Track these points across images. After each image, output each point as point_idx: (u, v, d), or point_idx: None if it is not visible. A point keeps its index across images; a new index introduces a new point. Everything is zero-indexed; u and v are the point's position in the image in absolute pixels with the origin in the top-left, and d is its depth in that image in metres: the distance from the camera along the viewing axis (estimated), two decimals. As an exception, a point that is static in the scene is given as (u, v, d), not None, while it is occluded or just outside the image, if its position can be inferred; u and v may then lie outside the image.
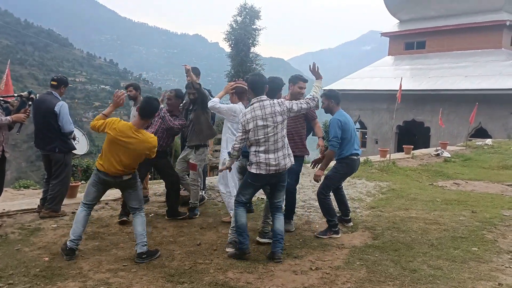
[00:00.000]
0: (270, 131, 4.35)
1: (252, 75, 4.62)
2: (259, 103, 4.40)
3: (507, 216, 6.24)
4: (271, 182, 4.53)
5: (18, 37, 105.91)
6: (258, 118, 4.33)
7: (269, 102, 4.41)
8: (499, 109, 20.17)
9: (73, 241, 4.32)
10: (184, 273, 4.03)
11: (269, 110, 4.36)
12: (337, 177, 5.49)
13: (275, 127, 4.36)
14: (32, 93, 5.22)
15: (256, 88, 4.47)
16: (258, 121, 4.33)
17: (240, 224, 4.46)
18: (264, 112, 4.35)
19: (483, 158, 12.74)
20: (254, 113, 4.36)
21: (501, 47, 23.09)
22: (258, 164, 4.38)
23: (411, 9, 26.71)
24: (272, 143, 4.37)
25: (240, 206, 4.53)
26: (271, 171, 4.38)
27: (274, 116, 4.36)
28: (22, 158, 54.15)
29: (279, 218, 4.58)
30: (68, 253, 4.30)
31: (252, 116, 4.35)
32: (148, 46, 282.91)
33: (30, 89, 5.50)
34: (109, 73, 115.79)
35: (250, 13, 20.88)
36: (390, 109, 21.27)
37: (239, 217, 4.48)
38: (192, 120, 5.90)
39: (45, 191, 5.71)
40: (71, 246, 4.32)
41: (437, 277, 4.02)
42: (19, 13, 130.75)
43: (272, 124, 4.35)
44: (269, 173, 4.39)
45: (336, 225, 5.27)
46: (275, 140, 4.38)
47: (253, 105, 4.42)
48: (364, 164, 10.70)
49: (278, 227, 4.52)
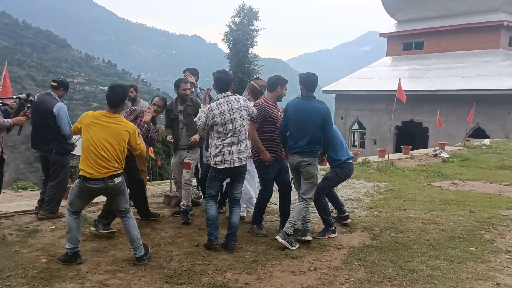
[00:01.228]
0: (237, 125, 4.64)
1: (217, 72, 4.89)
2: (225, 99, 4.68)
3: (505, 216, 6.25)
4: (233, 173, 4.77)
5: (16, 38, 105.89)
6: (226, 113, 4.60)
7: (234, 97, 4.71)
8: (497, 109, 20.22)
9: (73, 248, 4.19)
10: (182, 274, 4.03)
11: (236, 105, 4.66)
12: (336, 180, 5.55)
13: (241, 120, 4.66)
14: (30, 95, 5.21)
15: (221, 85, 4.75)
16: (226, 116, 4.60)
17: (210, 216, 4.72)
18: (231, 106, 4.63)
19: (481, 158, 12.75)
20: (221, 108, 4.61)
21: (499, 48, 23.14)
22: (223, 161, 4.64)
23: (409, 10, 26.76)
24: (237, 135, 4.66)
25: (210, 199, 4.81)
26: (235, 163, 4.66)
27: (240, 110, 4.66)
28: (21, 159, 54.09)
29: (236, 212, 4.84)
30: (72, 258, 4.17)
31: (219, 112, 4.60)
32: (146, 47, 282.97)
33: (28, 91, 5.49)
34: (108, 74, 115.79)
35: (248, 14, 20.92)
36: (389, 110, 21.26)
37: (209, 210, 4.75)
38: (184, 122, 5.75)
39: (43, 192, 5.70)
40: (73, 251, 4.19)
41: (435, 277, 4.02)
42: (17, 14, 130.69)
43: (239, 118, 4.64)
44: (233, 166, 4.67)
45: (332, 224, 5.32)
46: (239, 133, 4.67)
47: (219, 100, 4.67)
48: (362, 165, 10.70)
49: (234, 220, 4.79)
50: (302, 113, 4.84)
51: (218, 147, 4.64)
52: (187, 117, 5.68)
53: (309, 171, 4.85)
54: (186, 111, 5.70)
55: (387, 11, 28.24)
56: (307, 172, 4.85)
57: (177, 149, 5.89)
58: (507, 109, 20.12)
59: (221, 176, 4.83)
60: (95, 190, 4.15)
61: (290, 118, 4.92)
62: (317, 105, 4.86)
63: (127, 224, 4.31)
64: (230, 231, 4.74)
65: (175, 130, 5.81)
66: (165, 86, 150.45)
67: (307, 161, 4.83)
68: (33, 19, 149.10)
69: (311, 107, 4.84)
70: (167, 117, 5.89)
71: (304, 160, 4.82)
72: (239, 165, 4.70)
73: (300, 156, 4.84)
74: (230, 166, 4.65)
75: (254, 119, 4.95)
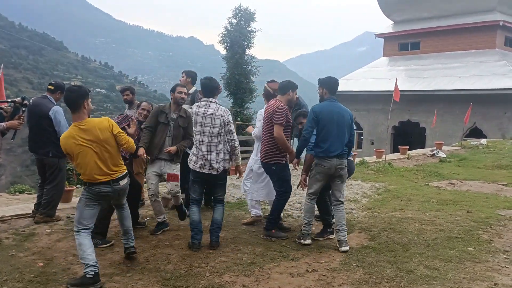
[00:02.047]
0: (206, 130, 4.72)
1: (204, 78, 5.04)
2: (206, 103, 4.82)
3: (502, 215, 6.26)
4: (208, 179, 4.86)
5: (12, 40, 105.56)
6: (199, 114, 4.75)
7: (215, 105, 4.80)
8: (494, 109, 20.28)
9: (94, 265, 3.78)
10: (180, 276, 4.01)
11: (211, 111, 4.74)
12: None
13: (211, 127, 4.72)
14: (25, 99, 5.16)
15: (205, 90, 4.90)
16: (198, 117, 4.75)
17: (193, 220, 4.83)
18: (206, 110, 4.75)
19: (478, 158, 12.79)
20: (198, 109, 4.79)
21: (495, 47, 23.23)
22: (196, 161, 4.77)
23: (405, 10, 26.84)
24: (207, 143, 4.73)
25: (192, 204, 4.90)
26: (204, 170, 4.75)
27: (213, 118, 4.72)
28: (17, 162, 53.89)
29: (218, 209, 4.94)
30: (94, 280, 3.74)
31: (195, 112, 4.80)
32: (143, 49, 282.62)
33: (24, 94, 5.45)
34: (104, 76, 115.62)
35: (245, 15, 20.90)
36: (386, 110, 21.29)
37: (192, 214, 4.85)
38: (173, 132, 5.25)
39: (39, 196, 5.67)
40: (94, 271, 3.76)
41: (433, 277, 4.02)
42: (13, 17, 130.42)
43: (209, 124, 4.72)
44: (202, 172, 4.75)
45: (331, 225, 5.28)
46: (209, 141, 4.73)
47: (201, 102, 4.86)
48: (360, 165, 10.71)
49: (216, 217, 4.89)
50: (338, 116, 4.85)
51: (194, 147, 4.86)
52: (177, 128, 5.26)
53: (346, 173, 4.97)
54: (178, 121, 5.26)
55: (383, 12, 28.31)
56: (344, 174, 4.94)
57: (157, 159, 5.25)
58: (503, 108, 20.18)
59: (198, 180, 4.86)
60: (104, 194, 3.99)
61: (325, 122, 4.81)
62: (345, 107, 4.99)
63: (123, 214, 4.33)
64: (212, 228, 4.88)
65: (159, 135, 5.21)
66: (162, 88, 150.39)
67: (344, 164, 4.90)
68: (29, 22, 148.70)
69: (343, 110, 4.92)
70: (154, 118, 5.22)
71: (342, 162, 4.87)
72: (208, 173, 4.75)
73: (338, 159, 4.83)
74: (200, 170, 4.75)
75: (280, 122, 4.97)
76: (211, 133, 4.72)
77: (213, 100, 4.85)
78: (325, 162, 4.82)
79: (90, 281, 3.71)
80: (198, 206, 4.91)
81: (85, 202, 3.94)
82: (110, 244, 4.84)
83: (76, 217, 3.96)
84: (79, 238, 3.86)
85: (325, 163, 4.82)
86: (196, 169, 4.78)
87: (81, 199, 3.97)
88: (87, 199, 3.94)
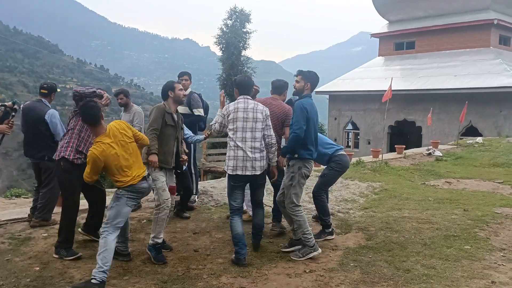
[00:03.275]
0: (249, 125, 4.45)
1: (239, 76, 4.85)
2: (243, 99, 4.57)
3: (499, 213, 6.28)
4: (249, 181, 4.60)
5: (7, 44, 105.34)
6: (240, 109, 4.47)
7: (253, 101, 4.60)
8: (489, 107, 20.34)
9: (106, 271, 3.79)
10: (177, 279, 4.00)
11: (252, 106, 4.51)
12: (332, 174, 5.41)
13: (254, 122, 4.46)
14: (16, 104, 5.09)
15: (241, 88, 4.64)
16: (239, 113, 4.46)
17: (236, 234, 4.45)
18: (247, 105, 4.50)
19: (474, 156, 12.82)
20: (237, 105, 4.52)
21: (489, 46, 23.30)
22: (235, 167, 4.42)
23: (399, 10, 26.89)
24: (250, 140, 4.44)
25: (234, 215, 4.54)
26: (247, 172, 4.42)
27: (255, 112, 4.48)
28: (14, 166, 53.72)
29: (259, 213, 4.75)
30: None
31: (234, 108, 4.49)
32: (139, 51, 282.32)
33: (15, 99, 5.41)
34: (100, 78, 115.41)
35: (240, 16, 20.95)
36: (382, 110, 21.34)
37: (235, 227, 4.48)
38: (178, 136, 4.80)
39: (35, 199, 5.64)
40: (103, 278, 3.75)
41: (431, 276, 4.03)
42: (8, 20, 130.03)
43: (252, 118, 4.46)
44: (245, 174, 4.43)
45: (329, 225, 5.24)
46: (253, 137, 4.45)
47: (238, 100, 4.59)
48: (356, 165, 10.72)
49: (258, 221, 4.74)
50: (316, 115, 4.67)
51: (230, 149, 4.48)
52: (180, 131, 4.85)
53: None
54: (180, 123, 4.84)
55: (378, 11, 28.37)
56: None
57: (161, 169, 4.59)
58: (499, 107, 20.25)
59: (240, 184, 4.53)
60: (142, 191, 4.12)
61: (312, 122, 4.58)
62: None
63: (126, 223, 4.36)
64: (253, 232, 4.78)
65: (170, 141, 4.64)
66: (158, 90, 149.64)
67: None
68: (24, 25, 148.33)
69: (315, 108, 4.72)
70: (161, 120, 4.55)
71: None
72: (251, 174, 4.44)
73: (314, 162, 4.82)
74: (243, 173, 4.41)
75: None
76: (255, 128, 4.45)
77: (249, 97, 4.62)
78: (309, 164, 4.68)
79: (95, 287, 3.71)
80: (240, 216, 4.55)
81: (126, 201, 4.01)
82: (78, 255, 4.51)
83: (112, 216, 3.96)
84: (108, 237, 3.89)
85: (309, 165, 4.68)
86: (238, 173, 4.41)
87: (121, 201, 3.99)
88: (128, 199, 4.01)
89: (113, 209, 3.99)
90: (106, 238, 3.88)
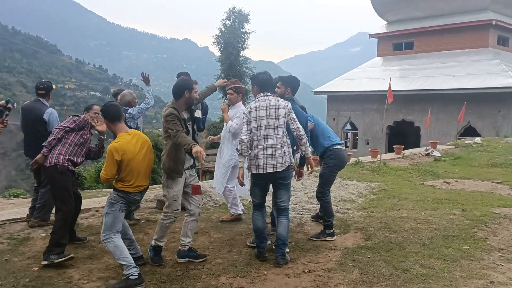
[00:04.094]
0: (271, 122, 4.37)
1: (258, 73, 4.75)
2: (264, 97, 4.48)
3: (497, 213, 6.29)
4: (271, 179, 4.50)
5: (5, 44, 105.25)
6: (262, 108, 4.38)
7: (274, 97, 4.52)
8: (488, 107, 20.39)
9: (136, 266, 3.87)
10: (176, 279, 4.00)
11: (273, 102, 4.42)
12: (329, 171, 5.30)
13: (276, 118, 4.38)
14: (9, 103, 5.07)
15: (261, 85, 4.56)
16: (261, 111, 4.38)
17: (256, 228, 4.53)
18: (269, 103, 4.42)
19: (472, 157, 12.84)
20: (258, 103, 4.43)
21: (488, 46, 23.36)
22: (257, 165, 4.40)
23: (398, 10, 26.94)
24: (272, 136, 4.38)
25: (255, 210, 4.60)
26: (268, 169, 4.36)
27: (277, 108, 4.40)
28: (12, 166, 53.59)
29: (282, 222, 4.51)
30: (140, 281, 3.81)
31: (256, 106, 4.41)
32: (137, 51, 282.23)
33: (8, 98, 5.40)
34: (99, 79, 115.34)
35: (239, 17, 20.96)
36: (380, 110, 21.37)
37: (255, 221, 4.55)
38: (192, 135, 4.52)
39: (34, 199, 5.64)
40: (138, 272, 3.83)
41: (429, 276, 4.03)
42: (6, 20, 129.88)
43: (274, 115, 4.38)
44: (266, 172, 4.38)
45: (331, 226, 5.19)
46: (274, 133, 4.39)
47: (258, 99, 4.49)
48: (355, 165, 10.73)
49: (281, 231, 4.48)
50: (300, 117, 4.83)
51: (252, 149, 4.44)
52: (195, 131, 4.62)
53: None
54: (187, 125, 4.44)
55: (376, 12, 28.41)
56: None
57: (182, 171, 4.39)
58: (497, 107, 20.29)
59: (259, 182, 4.51)
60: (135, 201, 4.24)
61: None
62: None
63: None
64: (276, 243, 4.47)
65: (179, 148, 4.24)
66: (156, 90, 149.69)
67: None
68: (23, 25, 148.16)
69: None
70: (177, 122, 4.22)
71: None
72: (273, 171, 4.36)
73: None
74: (264, 171, 4.37)
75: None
76: (277, 124, 4.38)
77: (269, 93, 4.55)
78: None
79: (136, 282, 3.78)
80: (260, 211, 4.56)
81: (120, 208, 4.04)
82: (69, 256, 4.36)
83: (109, 223, 3.98)
84: (114, 241, 3.94)
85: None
86: (259, 171, 4.39)
87: (116, 206, 4.01)
88: (122, 206, 4.05)
89: (109, 215, 4.00)
90: (114, 243, 3.93)
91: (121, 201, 4.02)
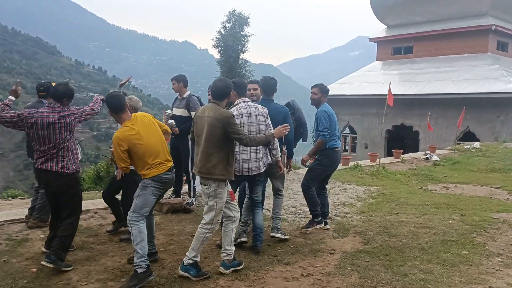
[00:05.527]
0: (253, 128, 4.54)
1: (235, 79, 4.86)
2: (244, 103, 4.60)
3: (496, 218, 6.29)
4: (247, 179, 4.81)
5: (5, 45, 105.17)
6: (244, 115, 4.52)
7: (252, 103, 4.66)
8: (487, 112, 20.41)
9: (147, 258, 3.89)
10: (174, 282, 3.99)
11: (254, 110, 4.58)
12: (320, 169, 5.56)
13: (258, 125, 4.57)
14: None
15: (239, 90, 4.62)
16: (244, 118, 4.51)
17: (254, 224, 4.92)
18: (249, 110, 4.56)
19: (471, 162, 12.85)
20: (240, 110, 4.53)
21: (487, 52, 23.40)
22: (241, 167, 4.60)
23: (398, 15, 27.00)
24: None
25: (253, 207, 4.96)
26: (244, 173, 4.62)
27: (257, 115, 4.58)
28: (10, 167, 53.52)
29: (258, 213, 4.86)
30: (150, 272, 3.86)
31: (238, 114, 4.48)
32: (137, 53, 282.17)
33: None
34: (98, 80, 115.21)
35: (238, 19, 20.99)
36: (379, 114, 21.39)
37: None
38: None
39: (34, 200, 5.64)
40: (147, 264, 3.85)
41: (428, 281, 4.03)
42: (6, 21, 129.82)
43: (256, 122, 4.56)
44: (250, 174, 4.64)
45: (318, 215, 5.47)
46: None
47: (239, 105, 4.60)
48: (354, 169, 10.73)
49: (258, 221, 4.83)
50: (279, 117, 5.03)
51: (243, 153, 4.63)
52: None
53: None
54: None
55: (376, 16, 28.46)
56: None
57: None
58: (496, 112, 20.32)
59: (235, 180, 4.50)
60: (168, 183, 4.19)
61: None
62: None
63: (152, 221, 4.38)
64: (255, 233, 4.81)
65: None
66: (156, 92, 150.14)
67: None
68: (22, 26, 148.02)
69: None
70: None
71: None
72: (248, 175, 4.65)
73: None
74: (248, 174, 4.65)
75: None
76: (259, 130, 4.57)
77: (247, 99, 4.67)
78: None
79: (147, 274, 3.82)
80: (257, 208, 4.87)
81: (152, 191, 4.04)
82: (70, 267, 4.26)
83: (139, 205, 4.01)
84: (139, 226, 3.95)
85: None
86: (244, 174, 4.63)
87: (146, 187, 4.02)
88: (154, 188, 4.04)
89: (140, 197, 4.04)
90: (139, 227, 3.95)
91: (153, 185, 4.04)
